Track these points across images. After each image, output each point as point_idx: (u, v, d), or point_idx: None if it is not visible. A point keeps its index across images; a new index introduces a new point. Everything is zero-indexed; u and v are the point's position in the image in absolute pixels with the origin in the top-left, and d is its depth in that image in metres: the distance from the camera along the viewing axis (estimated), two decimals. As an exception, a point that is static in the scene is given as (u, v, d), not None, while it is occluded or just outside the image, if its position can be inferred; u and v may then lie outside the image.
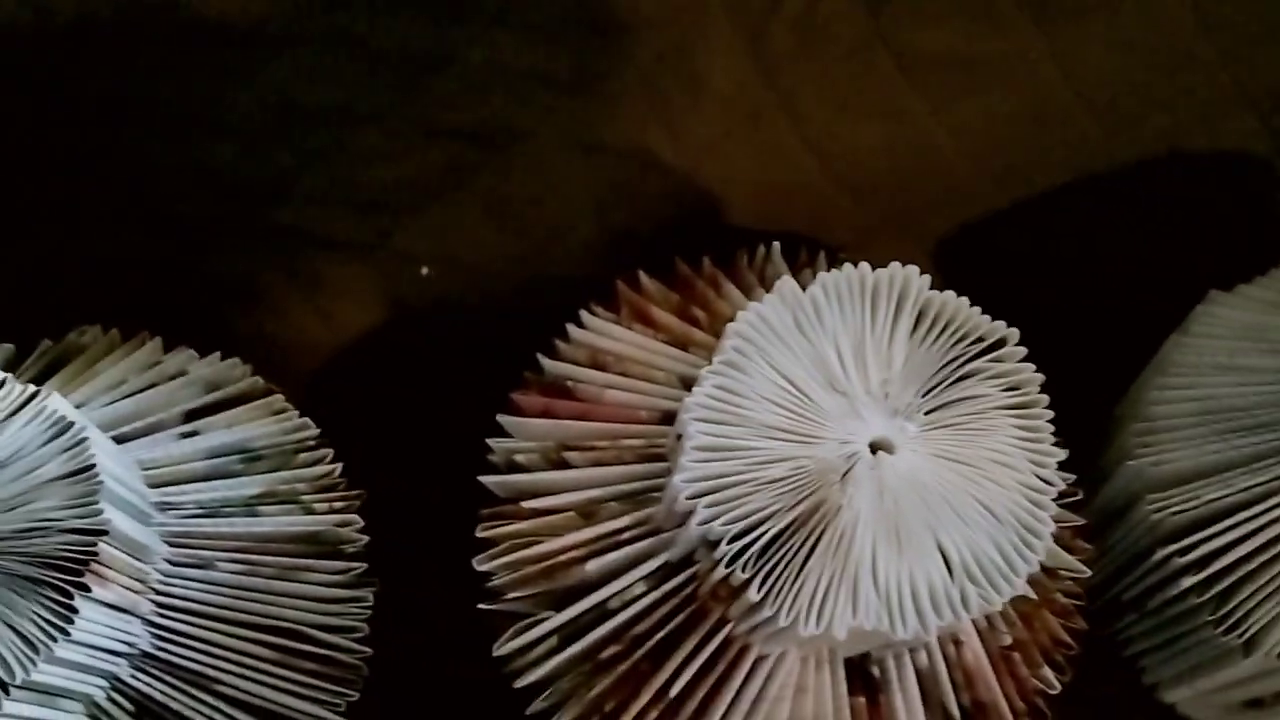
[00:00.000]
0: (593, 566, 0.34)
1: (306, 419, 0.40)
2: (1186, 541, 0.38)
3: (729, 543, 0.29)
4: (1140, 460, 0.40)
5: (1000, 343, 0.31)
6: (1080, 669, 0.47)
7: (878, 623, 0.28)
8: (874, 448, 0.29)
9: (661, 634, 0.33)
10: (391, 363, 0.45)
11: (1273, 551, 0.37)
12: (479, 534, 0.37)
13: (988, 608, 0.29)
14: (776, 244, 0.41)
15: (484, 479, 0.38)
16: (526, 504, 0.36)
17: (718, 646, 0.32)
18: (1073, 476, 0.39)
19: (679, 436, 0.31)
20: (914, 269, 0.31)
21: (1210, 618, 0.38)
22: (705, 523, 0.29)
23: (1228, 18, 0.39)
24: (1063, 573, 0.38)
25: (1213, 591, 0.38)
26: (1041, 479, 0.30)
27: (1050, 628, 0.37)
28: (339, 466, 0.39)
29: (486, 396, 0.40)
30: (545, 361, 0.39)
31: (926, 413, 0.30)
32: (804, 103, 0.42)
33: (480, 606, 0.36)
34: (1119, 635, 0.45)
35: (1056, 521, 0.38)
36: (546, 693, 0.35)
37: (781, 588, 0.28)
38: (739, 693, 0.32)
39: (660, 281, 0.41)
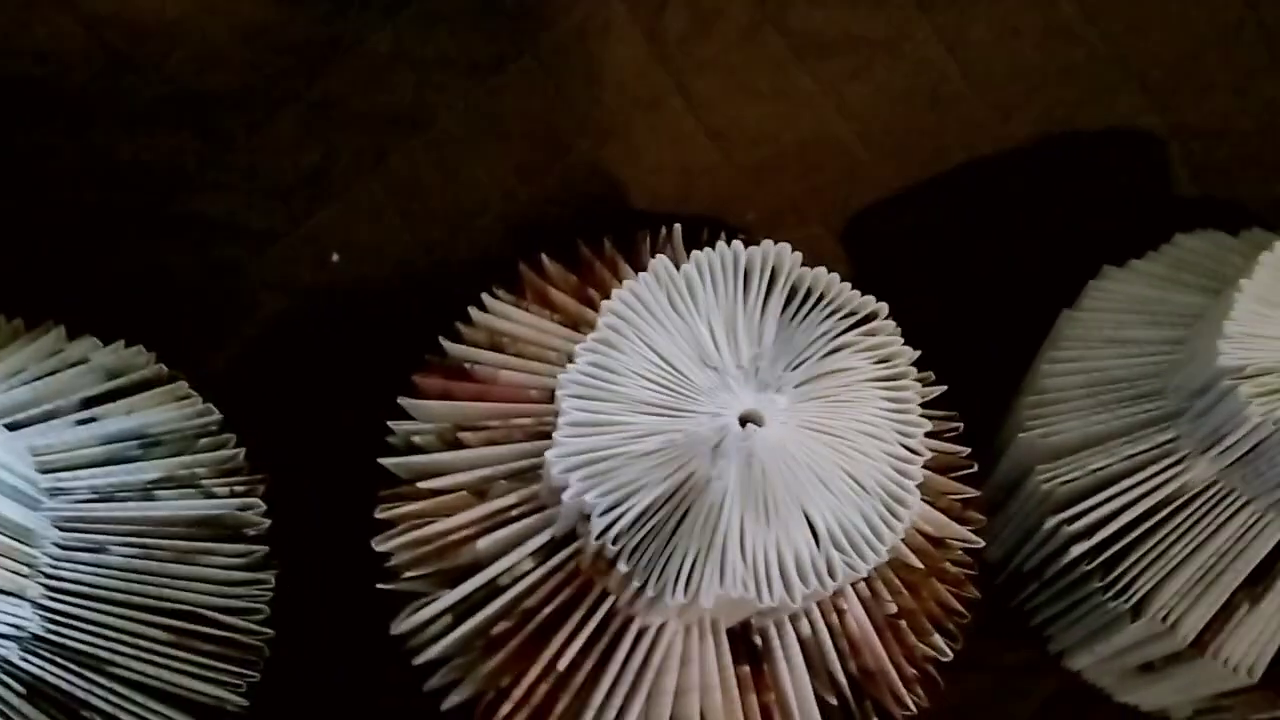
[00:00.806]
0: (483, 544, 0.34)
1: (210, 405, 0.40)
2: (1074, 510, 0.39)
3: (600, 515, 0.29)
4: (1031, 432, 0.41)
5: (871, 316, 0.32)
6: (989, 638, 0.49)
7: (744, 591, 0.29)
8: (744, 421, 0.30)
9: (549, 609, 0.33)
10: (300, 348, 0.45)
11: (1156, 518, 0.38)
12: (377, 515, 0.37)
13: (854, 575, 0.30)
14: (677, 226, 0.42)
15: (383, 460, 0.38)
16: (422, 484, 0.36)
17: (602, 619, 0.32)
18: (967, 449, 0.40)
19: (558, 414, 0.31)
20: (785, 246, 0.32)
21: (1099, 584, 0.39)
22: (578, 496, 0.29)
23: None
24: (953, 542, 0.39)
25: (1101, 558, 0.39)
26: (908, 449, 0.31)
27: (940, 596, 0.38)
28: (242, 451, 0.39)
29: (393, 380, 0.40)
30: (446, 344, 0.40)
31: (797, 386, 0.31)
32: (701, 86, 0.43)
33: (379, 586, 0.37)
34: (1025, 605, 0.46)
35: (948, 493, 0.39)
36: (443, 670, 0.36)
37: (650, 559, 0.29)
38: (624, 664, 0.33)
39: (563, 264, 0.41)
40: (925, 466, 0.39)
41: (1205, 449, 0.36)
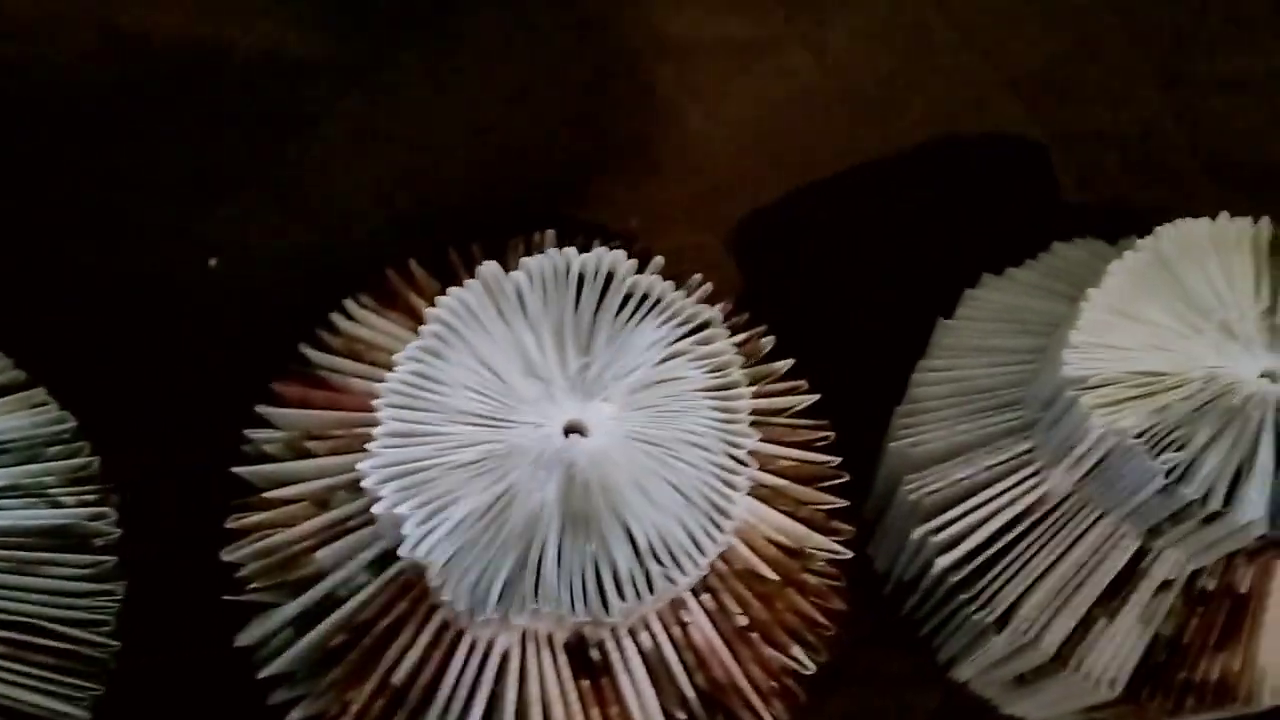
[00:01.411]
0: (322, 555, 0.34)
1: (65, 412, 0.39)
2: (938, 522, 0.39)
3: (417, 526, 0.29)
4: (901, 442, 0.40)
5: (705, 325, 0.31)
6: (877, 649, 0.48)
7: (556, 606, 0.28)
8: (569, 431, 0.30)
9: (385, 621, 0.33)
10: (176, 354, 0.44)
11: (1017, 529, 0.37)
12: (227, 525, 0.37)
13: (674, 589, 0.29)
14: (550, 232, 0.41)
15: (238, 469, 0.38)
16: (269, 494, 0.36)
17: (435, 632, 0.32)
18: (836, 459, 0.40)
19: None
20: (620, 254, 0.32)
21: (965, 597, 0.39)
22: (391, 508, 0.29)
23: (967, 2, 0.40)
24: (817, 553, 0.39)
25: (965, 571, 0.38)
26: (735, 459, 0.30)
27: (798, 608, 0.38)
28: (95, 460, 0.39)
29: (263, 387, 0.40)
30: (306, 351, 0.39)
31: (627, 395, 0.30)
32: (591, 92, 0.42)
33: (225, 597, 0.36)
34: (911, 615, 0.45)
35: (811, 503, 0.39)
36: (288, 685, 0.35)
37: (464, 572, 0.28)
38: (459, 678, 0.32)
39: (434, 271, 0.41)
40: (788, 476, 0.39)
41: (1059, 460, 0.35)
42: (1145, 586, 0.36)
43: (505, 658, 0.33)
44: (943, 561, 0.38)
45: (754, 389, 0.38)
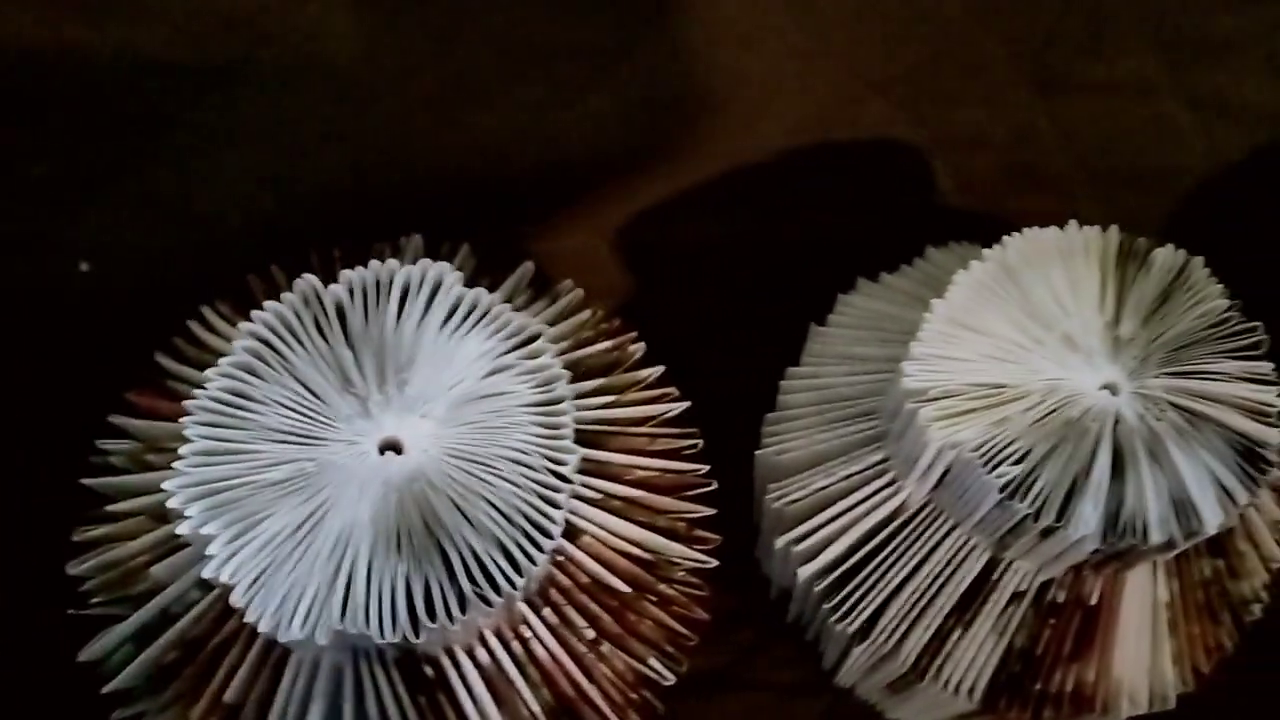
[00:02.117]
0: (157, 570, 0.33)
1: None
2: (799, 531, 0.38)
3: (224, 546, 0.28)
4: (766, 450, 0.40)
5: (532, 338, 0.31)
6: (765, 656, 0.48)
7: (364, 627, 0.28)
8: (385, 448, 0.29)
9: (216, 639, 0.32)
10: (42, 359, 0.44)
11: (875, 540, 0.37)
12: (74, 538, 0.36)
13: (489, 609, 0.29)
14: (416, 237, 0.40)
15: (86, 481, 0.37)
16: (113, 507, 0.35)
17: (263, 650, 0.31)
18: (704, 467, 0.39)
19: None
20: (446, 265, 0.31)
21: (827, 606, 0.38)
22: (196, 528, 0.28)
23: (816, 5, 0.39)
24: (677, 562, 0.38)
25: (827, 581, 0.38)
26: (558, 475, 0.30)
27: (656, 618, 0.37)
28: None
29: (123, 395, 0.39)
30: (161, 360, 0.39)
31: (449, 410, 0.30)
32: (447, 93, 0.42)
33: (69, 612, 0.36)
34: (796, 622, 0.45)
35: (671, 513, 0.38)
36: (129, 703, 0.35)
37: (270, 592, 0.28)
38: (289, 695, 0.32)
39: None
40: (647, 486, 0.38)
41: (909, 472, 0.35)
42: (997, 598, 0.35)
43: (339, 674, 0.32)
44: (804, 571, 0.38)
45: (614, 398, 0.38)
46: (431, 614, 0.28)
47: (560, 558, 0.34)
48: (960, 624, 0.36)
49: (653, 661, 0.37)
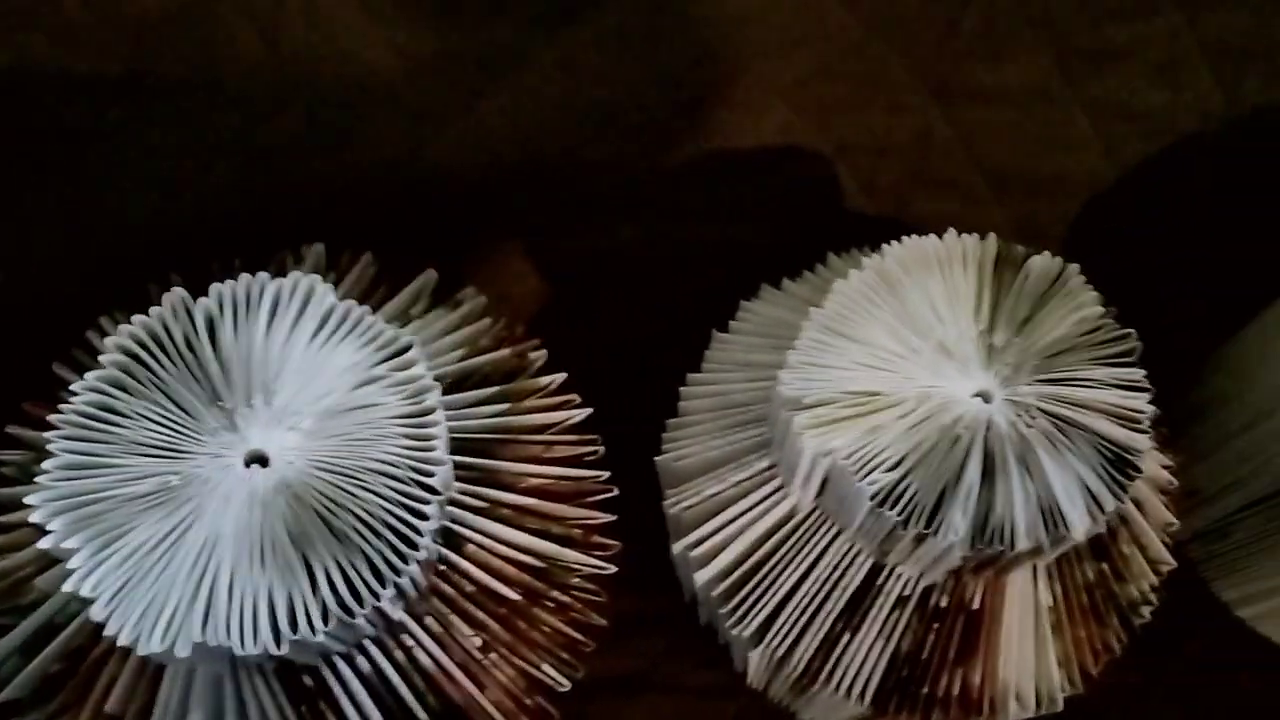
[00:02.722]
0: (41, 581, 0.33)
1: None
2: (694, 537, 0.38)
3: (86, 560, 0.28)
4: (664, 456, 0.40)
5: (404, 350, 0.31)
6: (679, 659, 0.48)
7: (225, 639, 0.28)
8: (252, 460, 0.29)
9: (97, 650, 0.32)
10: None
11: (766, 545, 0.37)
12: (-33, 547, 0.36)
13: (354, 622, 0.29)
14: (318, 246, 0.41)
15: (-17, 491, 0.37)
16: (3, 518, 0.35)
17: (140, 661, 0.32)
18: (605, 474, 0.40)
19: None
20: (316, 278, 0.31)
21: (723, 611, 0.39)
22: (59, 541, 0.28)
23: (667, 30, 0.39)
24: (573, 569, 0.39)
25: (723, 586, 0.38)
26: (426, 487, 0.30)
27: (550, 625, 0.38)
28: None
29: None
30: (59, 370, 0.39)
31: (318, 422, 0.30)
32: (350, 101, 0.42)
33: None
34: (711, 625, 0.45)
35: (569, 519, 0.39)
36: (19, 713, 0.35)
37: (131, 605, 0.28)
38: (167, 707, 0.32)
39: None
40: (540, 494, 0.38)
41: (793, 478, 0.35)
42: (882, 603, 0.36)
43: (219, 684, 0.32)
44: (700, 577, 0.38)
45: (509, 405, 0.39)
46: (295, 626, 0.28)
47: (443, 567, 0.34)
48: (849, 628, 0.36)
49: (547, 668, 0.38)
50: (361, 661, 0.33)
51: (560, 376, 0.42)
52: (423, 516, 0.30)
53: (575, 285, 0.45)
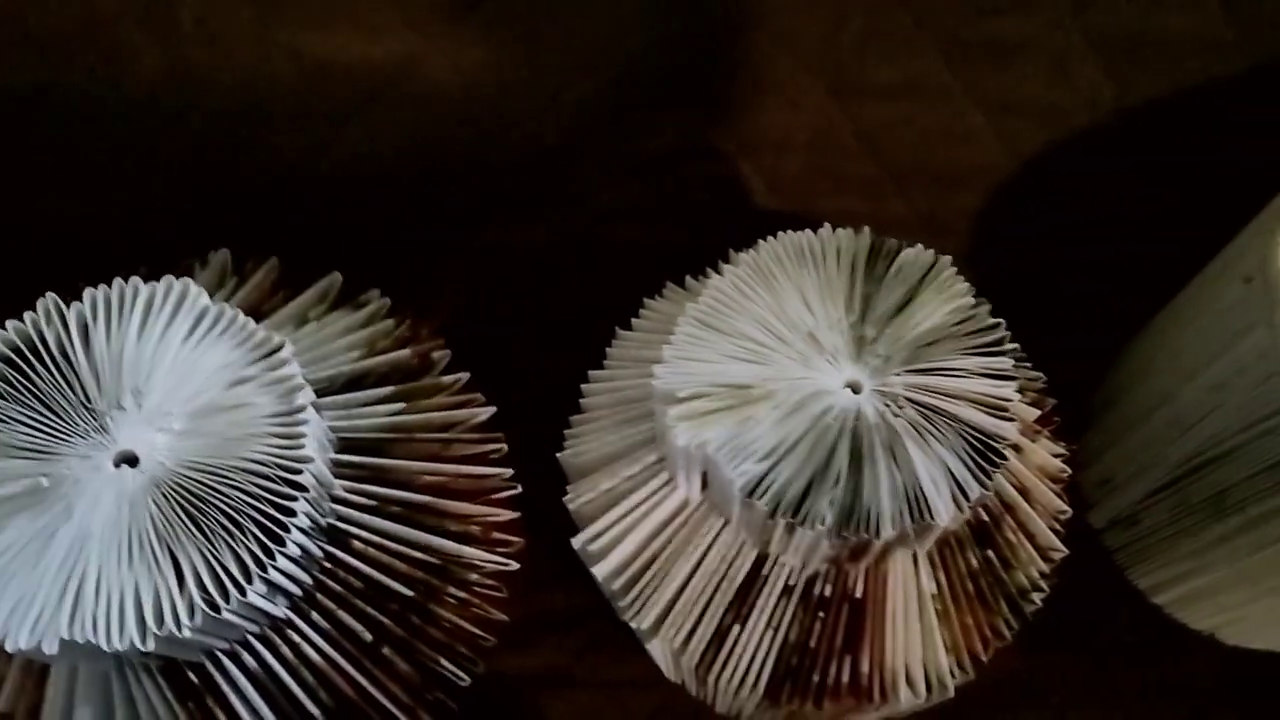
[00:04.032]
0: (-67, 583, 0.34)
1: None
2: (591, 531, 0.39)
3: (-42, 561, 0.29)
4: (565, 452, 0.41)
5: (276, 349, 0.32)
6: (598, 654, 0.49)
7: (91, 635, 0.28)
8: (121, 461, 0.30)
9: (-14, 650, 0.33)
10: None
11: (658, 540, 0.38)
12: None
13: (221, 617, 0.29)
14: (224, 251, 0.41)
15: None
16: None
17: (25, 661, 0.32)
18: (509, 471, 0.40)
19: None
20: (189, 281, 0.32)
21: (621, 604, 0.39)
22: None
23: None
24: (474, 566, 0.39)
25: (620, 580, 0.39)
26: (294, 485, 0.31)
27: (449, 622, 0.38)
28: None
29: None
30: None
31: (188, 422, 0.30)
32: (245, 111, 0.42)
33: None
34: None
35: (467, 516, 0.39)
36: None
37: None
38: (54, 704, 0.32)
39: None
40: (444, 492, 0.39)
41: (677, 470, 0.36)
42: (769, 593, 0.36)
43: (105, 681, 0.33)
44: (598, 571, 0.39)
45: (404, 405, 0.39)
46: (161, 622, 0.29)
47: (328, 564, 0.35)
48: (738, 619, 0.37)
49: (446, 663, 0.38)
50: (247, 658, 0.34)
51: (463, 376, 0.42)
52: (289, 513, 0.30)
53: (485, 285, 0.46)
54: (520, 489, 0.42)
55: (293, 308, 0.39)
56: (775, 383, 0.33)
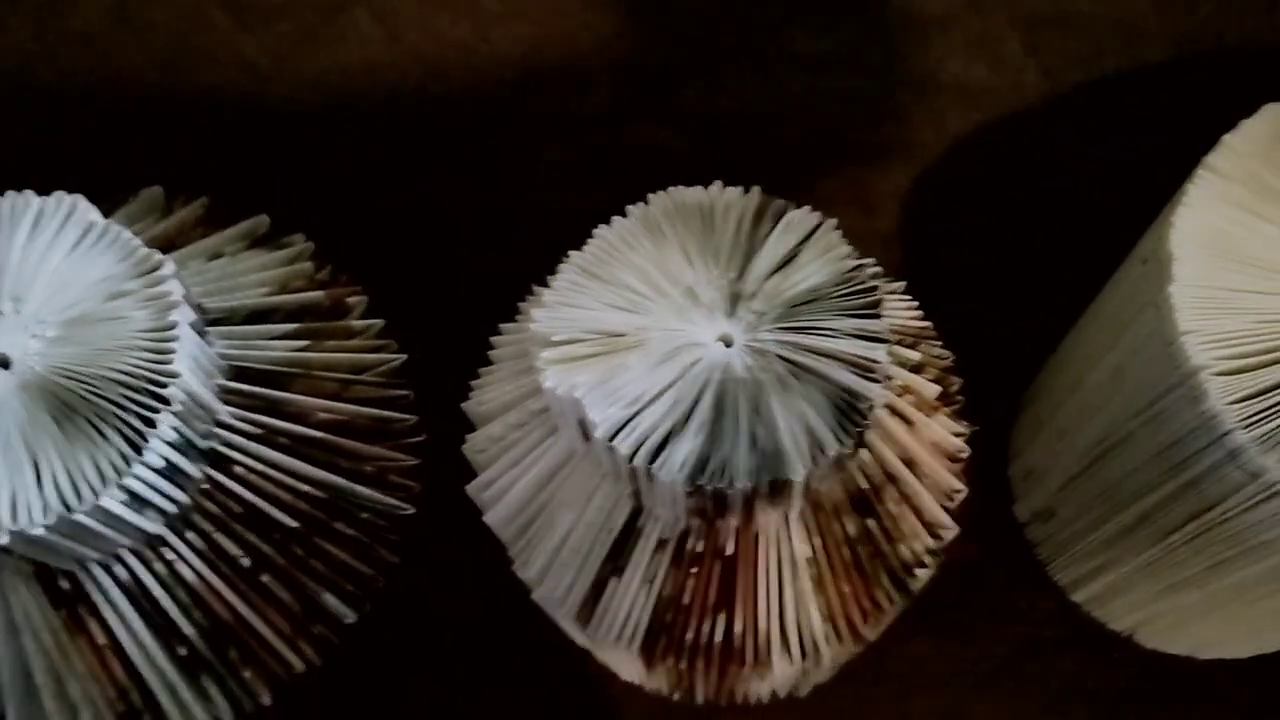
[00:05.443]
0: None
1: None
2: (483, 479, 0.39)
3: None
4: (469, 401, 0.41)
5: (156, 266, 0.32)
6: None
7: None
8: (-3, 364, 0.31)
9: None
10: None
11: (546, 489, 0.38)
12: None
13: (82, 523, 0.30)
14: (157, 188, 0.42)
15: None
16: None
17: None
18: (413, 418, 0.41)
19: None
20: (79, 197, 0.33)
21: (510, 554, 0.39)
22: None
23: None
24: (366, 505, 0.40)
25: (510, 529, 0.39)
26: (158, 398, 0.31)
27: (334, 557, 0.39)
28: None
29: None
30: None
31: (62, 330, 0.31)
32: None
33: None
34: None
35: (358, 456, 0.40)
36: None
37: None
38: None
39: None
40: (341, 430, 0.40)
41: (559, 419, 0.36)
42: (644, 546, 0.36)
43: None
44: (488, 520, 0.39)
45: (308, 343, 0.40)
46: (14, 521, 0.30)
47: (207, 486, 0.35)
48: (615, 573, 0.37)
49: (329, 597, 0.39)
50: (120, 571, 0.34)
51: (377, 323, 0.43)
52: (151, 424, 0.31)
53: (415, 239, 0.46)
54: (425, 436, 0.43)
55: (209, 242, 0.40)
56: (649, 333, 0.33)
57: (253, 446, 0.36)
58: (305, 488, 0.37)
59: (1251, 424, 0.33)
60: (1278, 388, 0.33)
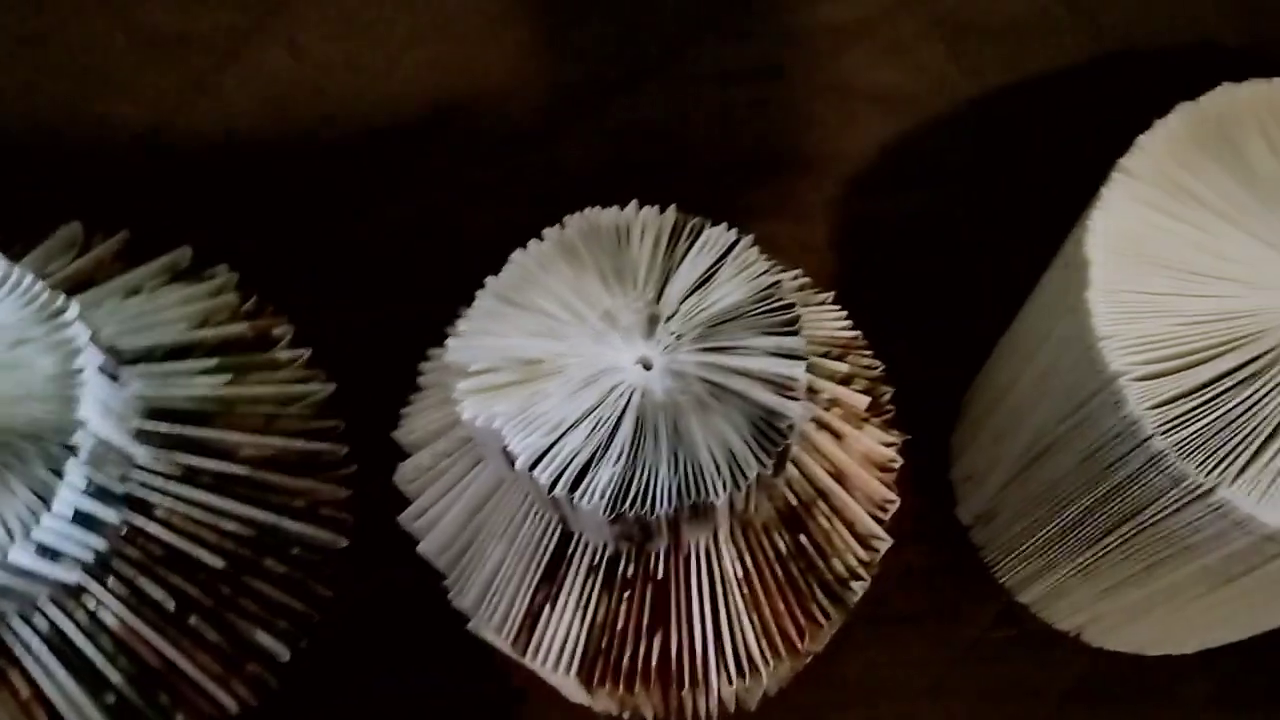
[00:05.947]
0: None
1: None
2: (414, 510, 0.39)
3: None
4: (398, 431, 0.41)
5: (60, 311, 0.32)
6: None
7: None
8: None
9: None
10: None
11: (477, 518, 0.37)
12: None
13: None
14: (75, 224, 0.42)
15: None
16: None
17: None
18: (342, 448, 0.40)
19: None
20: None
21: (445, 582, 0.39)
22: None
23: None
24: (293, 538, 0.39)
25: (443, 558, 0.39)
26: (66, 447, 0.31)
27: (265, 594, 0.38)
28: None
29: None
30: None
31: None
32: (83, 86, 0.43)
33: None
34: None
35: (286, 491, 0.39)
36: None
37: None
38: None
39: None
40: (267, 465, 0.39)
41: (483, 447, 0.36)
42: (576, 571, 0.36)
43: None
44: (423, 550, 0.39)
45: (231, 376, 0.39)
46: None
47: (126, 532, 0.35)
48: (548, 599, 0.36)
49: (262, 635, 0.38)
50: (39, 620, 0.34)
51: (304, 353, 0.43)
52: (59, 474, 0.30)
53: (340, 265, 0.46)
54: (356, 467, 0.42)
55: (128, 278, 0.40)
56: (567, 358, 0.33)
57: (173, 487, 0.36)
58: (231, 526, 0.37)
59: (1171, 429, 0.33)
60: (1198, 390, 0.33)
